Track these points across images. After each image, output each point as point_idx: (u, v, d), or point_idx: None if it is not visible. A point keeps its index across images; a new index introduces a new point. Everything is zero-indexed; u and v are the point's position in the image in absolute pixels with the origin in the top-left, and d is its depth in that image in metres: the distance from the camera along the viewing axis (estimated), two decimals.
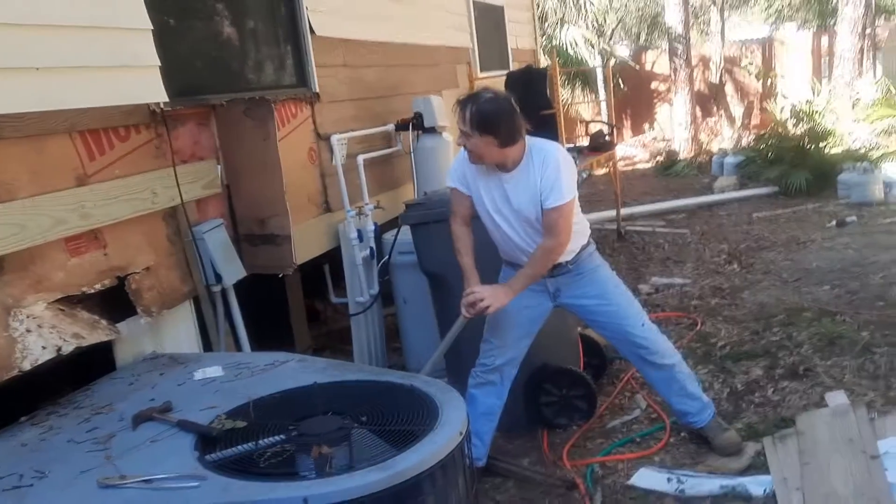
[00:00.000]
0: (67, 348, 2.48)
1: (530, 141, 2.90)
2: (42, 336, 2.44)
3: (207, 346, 3.42)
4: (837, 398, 3.43)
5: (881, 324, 4.30)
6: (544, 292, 3.08)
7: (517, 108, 2.84)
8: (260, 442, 2.00)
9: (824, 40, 15.71)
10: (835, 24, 14.05)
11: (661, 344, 3.18)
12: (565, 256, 3.00)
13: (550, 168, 2.81)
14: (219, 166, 3.52)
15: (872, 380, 3.65)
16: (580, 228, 3.03)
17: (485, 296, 2.87)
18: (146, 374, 2.70)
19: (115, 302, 2.86)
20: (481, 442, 3.18)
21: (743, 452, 3.19)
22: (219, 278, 3.37)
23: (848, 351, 3.99)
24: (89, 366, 2.75)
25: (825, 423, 3.18)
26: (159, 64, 3.01)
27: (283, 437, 2.02)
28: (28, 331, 2.42)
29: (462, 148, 2.89)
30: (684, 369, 3.24)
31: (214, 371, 2.60)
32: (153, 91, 3.01)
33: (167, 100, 3.08)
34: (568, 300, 3.11)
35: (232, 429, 2.10)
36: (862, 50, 12.64)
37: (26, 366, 2.37)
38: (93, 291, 2.76)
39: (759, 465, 3.09)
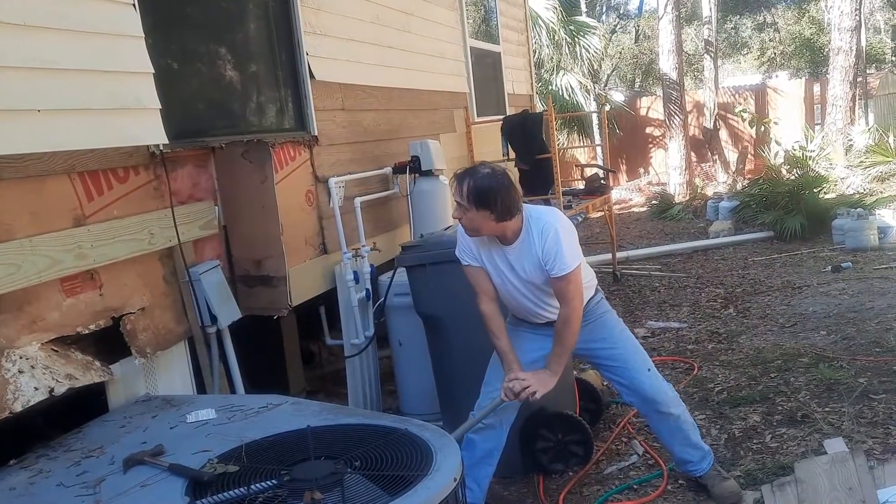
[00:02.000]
0: (60, 389, 2.46)
1: (528, 211, 2.92)
2: (35, 377, 2.42)
3: (201, 387, 3.39)
4: (836, 445, 3.40)
5: (878, 370, 4.29)
6: (549, 337, 3.06)
7: (516, 188, 2.88)
8: (252, 487, 1.97)
9: (816, 88, 15.99)
10: (826, 72, 14.30)
11: (667, 392, 3.16)
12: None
13: (549, 239, 2.83)
14: (216, 207, 3.53)
15: (871, 427, 3.62)
16: (587, 283, 3.06)
17: (531, 382, 2.88)
18: (138, 417, 2.67)
19: (109, 342, 2.85)
20: (478, 486, 3.13)
21: (742, 501, 3.15)
22: (214, 319, 3.35)
23: (846, 397, 3.97)
24: (81, 407, 2.72)
25: (824, 471, 3.14)
26: (160, 107, 3.04)
27: (275, 482, 1.99)
28: (21, 371, 2.40)
29: (458, 222, 2.92)
30: (688, 418, 3.22)
31: (207, 414, 2.58)
32: (153, 133, 3.04)
33: (167, 142, 3.11)
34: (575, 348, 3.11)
35: (224, 473, 2.08)
36: (854, 98, 12.87)
37: (18, 407, 2.35)
38: (87, 332, 2.75)
39: None
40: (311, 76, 4.37)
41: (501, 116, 7.17)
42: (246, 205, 3.56)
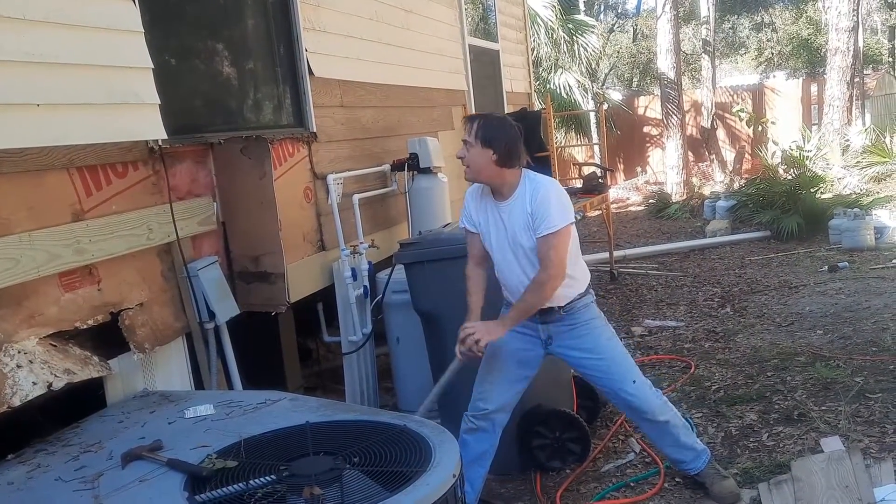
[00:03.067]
0: (58, 384, 2.45)
1: (527, 173, 2.95)
2: (33, 371, 2.41)
3: (199, 383, 3.39)
4: (832, 444, 3.41)
5: (875, 369, 4.30)
6: (536, 338, 3.07)
7: (521, 139, 2.92)
8: (251, 482, 1.97)
9: (813, 88, 16.01)
10: (824, 72, 14.32)
11: (653, 401, 3.12)
12: (557, 301, 2.97)
13: (540, 196, 2.86)
14: (215, 203, 3.53)
15: (867, 425, 3.63)
16: (579, 275, 3.03)
17: (475, 329, 2.88)
18: (137, 412, 2.67)
19: (107, 338, 2.84)
20: (472, 488, 3.12)
21: (739, 500, 3.15)
22: (212, 315, 3.35)
23: (842, 396, 3.98)
24: (79, 403, 2.71)
25: (821, 470, 3.15)
26: (159, 102, 3.03)
27: (273, 477, 1.99)
28: (19, 366, 2.39)
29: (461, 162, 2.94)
30: (678, 422, 3.19)
31: (206, 409, 2.58)
32: (152, 129, 3.03)
33: (165, 137, 3.10)
34: (559, 350, 3.09)
35: (222, 468, 2.08)
36: (851, 98, 12.89)
37: (16, 402, 2.34)
38: (85, 327, 2.74)
39: None
40: (310, 73, 4.36)
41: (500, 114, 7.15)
42: (244, 201, 3.55)
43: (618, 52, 23.63)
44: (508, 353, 3.06)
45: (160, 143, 3.12)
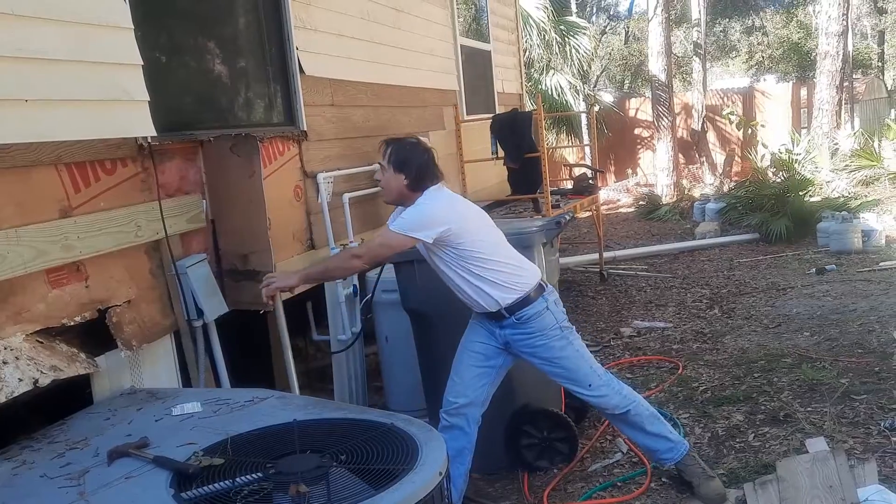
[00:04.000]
0: (45, 381, 2.44)
1: (431, 190, 3.01)
2: (19, 368, 2.40)
3: (187, 381, 3.38)
4: (817, 445, 3.44)
5: (860, 371, 4.34)
6: (492, 336, 3.13)
7: (436, 167, 3.03)
8: (237, 480, 1.97)
9: (803, 92, 16.10)
10: (813, 76, 14.41)
11: (611, 400, 3.18)
12: (491, 305, 3.03)
13: (413, 205, 2.97)
14: (204, 201, 3.52)
15: (852, 427, 3.66)
16: (509, 283, 3.03)
17: (275, 276, 3.01)
18: (123, 409, 2.66)
19: (94, 335, 2.83)
20: (454, 487, 3.12)
21: (726, 501, 3.17)
22: (200, 313, 3.34)
23: (828, 397, 4.01)
24: (66, 400, 2.70)
25: (805, 470, 3.18)
26: (148, 99, 3.03)
27: (260, 474, 1.99)
28: (5, 362, 2.38)
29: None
30: (641, 412, 3.23)
31: (193, 407, 2.57)
32: (141, 125, 3.02)
33: (155, 134, 3.09)
34: (520, 354, 3.16)
35: (209, 466, 2.07)
36: (840, 102, 12.97)
37: (1, 398, 2.33)
38: (73, 324, 2.73)
39: None
40: (301, 71, 4.36)
41: (491, 115, 7.17)
42: (234, 199, 3.55)
43: (609, 54, 23.70)
44: (471, 342, 3.15)
45: (149, 140, 3.11)
